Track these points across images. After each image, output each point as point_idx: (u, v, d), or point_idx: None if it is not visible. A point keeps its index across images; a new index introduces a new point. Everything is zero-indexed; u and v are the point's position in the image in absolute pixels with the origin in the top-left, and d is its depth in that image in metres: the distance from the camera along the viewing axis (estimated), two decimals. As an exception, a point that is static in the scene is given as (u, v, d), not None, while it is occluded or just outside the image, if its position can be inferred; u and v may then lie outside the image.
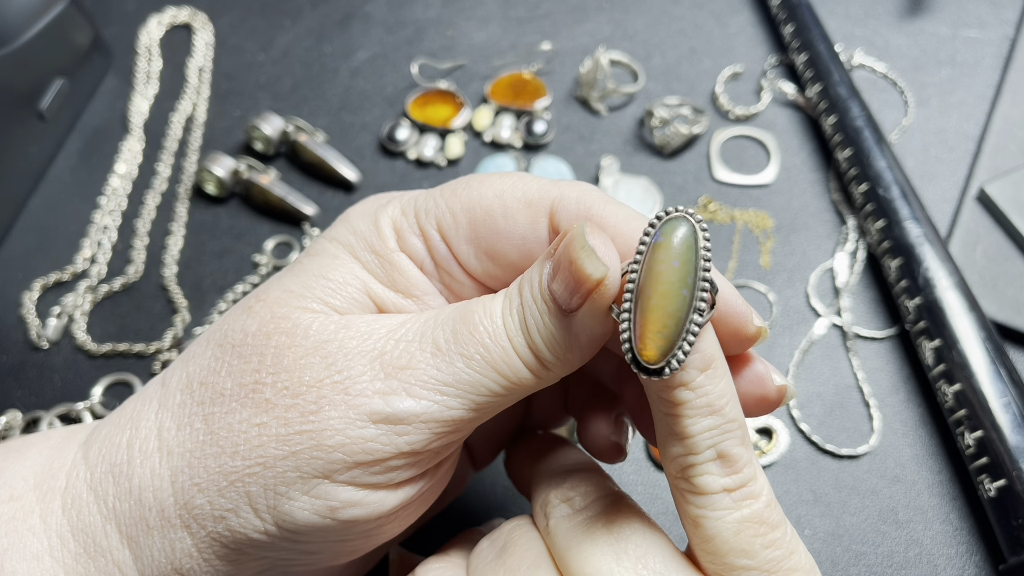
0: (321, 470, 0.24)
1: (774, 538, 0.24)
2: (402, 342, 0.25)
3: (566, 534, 0.25)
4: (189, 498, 0.25)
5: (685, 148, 0.54)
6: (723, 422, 0.24)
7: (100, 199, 0.52)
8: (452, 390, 0.24)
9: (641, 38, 0.59)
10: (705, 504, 0.24)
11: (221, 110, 0.56)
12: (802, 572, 0.24)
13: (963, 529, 0.40)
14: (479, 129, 0.55)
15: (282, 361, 0.25)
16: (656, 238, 0.22)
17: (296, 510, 0.24)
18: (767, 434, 0.43)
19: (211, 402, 0.25)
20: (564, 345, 0.24)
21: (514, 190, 0.26)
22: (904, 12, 0.60)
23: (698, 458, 0.24)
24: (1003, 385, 0.40)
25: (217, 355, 0.26)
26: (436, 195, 0.27)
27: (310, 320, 0.25)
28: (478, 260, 0.27)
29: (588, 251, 0.22)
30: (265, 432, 0.24)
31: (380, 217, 0.27)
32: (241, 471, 0.24)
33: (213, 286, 0.49)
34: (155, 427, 0.26)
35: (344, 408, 0.24)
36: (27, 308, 0.47)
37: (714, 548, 0.24)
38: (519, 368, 0.24)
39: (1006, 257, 0.47)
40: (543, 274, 0.24)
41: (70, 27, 0.52)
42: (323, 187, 0.53)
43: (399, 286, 0.27)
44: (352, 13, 0.61)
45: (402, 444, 0.24)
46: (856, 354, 0.46)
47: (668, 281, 0.22)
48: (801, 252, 0.50)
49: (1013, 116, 0.53)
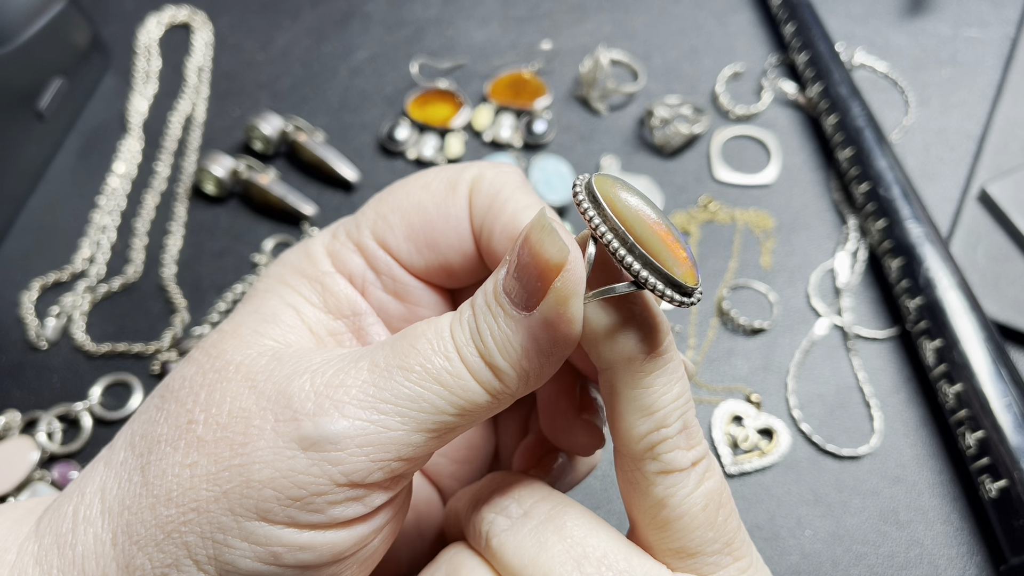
0: (255, 510, 0.21)
1: (730, 509, 0.24)
2: (337, 363, 0.23)
3: (515, 549, 0.23)
4: (130, 559, 0.23)
5: (685, 148, 0.54)
6: (686, 389, 0.23)
7: (99, 199, 0.52)
8: (391, 407, 0.21)
9: (641, 37, 0.59)
10: (675, 482, 0.23)
11: (220, 110, 0.56)
12: (747, 544, 0.24)
13: (964, 530, 0.40)
14: (479, 128, 0.54)
15: (213, 396, 0.23)
16: (599, 197, 0.22)
17: (238, 558, 0.22)
18: (768, 435, 0.43)
19: (148, 451, 0.24)
20: (520, 351, 0.22)
21: (438, 178, 0.27)
22: (905, 11, 0.60)
23: (669, 430, 0.23)
24: (1004, 385, 0.40)
25: (158, 406, 0.25)
26: (365, 209, 0.28)
27: (242, 356, 0.24)
28: (420, 254, 0.27)
29: (549, 231, 0.21)
30: (196, 472, 0.22)
31: (311, 245, 0.28)
32: (176, 519, 0.22)
33: (212, 286, 0.49)
34: (99, 489, 0.24)
35: (272, 436, 0.21)
36: (26, 308, 0.47)
37: (682, 526, 0.23)
38: (467, 381, 0.22)
39: (1007, 257, 0.47)
40: (498, 279, 0.22)
41: (69, 27, 0.52)
42: (322, 187, 0.53)
43: (331, 307, 0.27)
44: (352, 13, 0.61)
45: (336, 474, 0.21)
46: (857, 354, 0.46)
47: (654, 221, 0.21)
48: (802, 252, 0.50)
49: (1014, 115, 0.53)
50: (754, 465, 0.42)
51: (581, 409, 0.28)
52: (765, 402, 0.44)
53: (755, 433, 0.43)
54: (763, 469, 0.42)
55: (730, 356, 0.46)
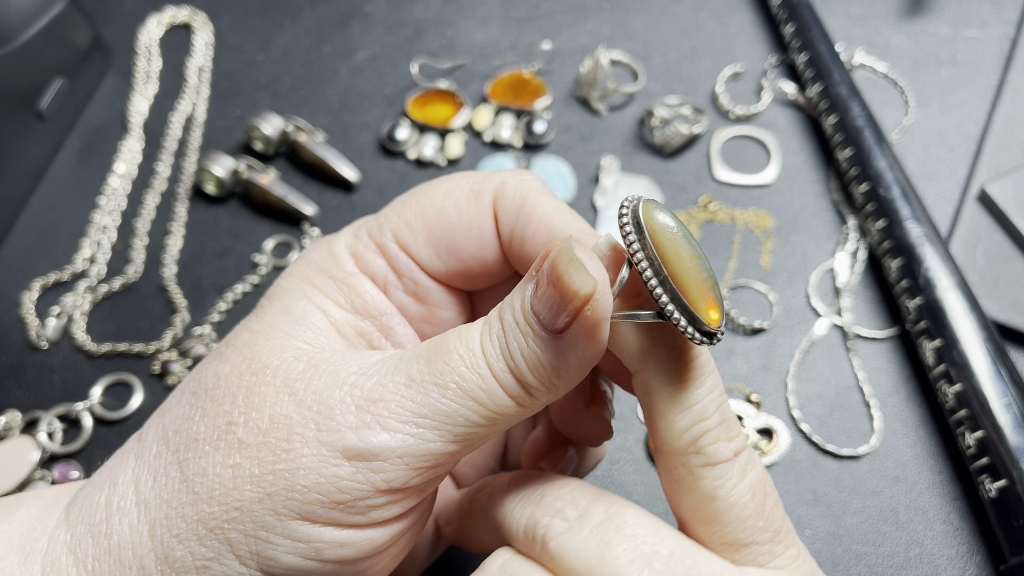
0: (299, 511, 0.23)
1: (775, 497, 0.25)
2: (374, 376, 0.24)
3: (577, 552, 0.23)
4: (169, 551, 0.24)
5: (685, 148, 0.54)
6: (719, 382, 0.24)
7: (99, 199, 0.52)
8: (428, 422, 0.23)
9: (641, 38, 0.59)
10: (721, 474, 0.24)
11: (221, 110, 0.56)
12: (793, 532, 0.25)
13: (964, 529, 0.40)
14: (479, 129, 0.55)
15: (252, 400, 0.24)
16: (643, 225, 0.22)
17: (280, 554, 0.23)
18: (767, 434, 0.43)
19: (185, 448, 0.24)
20: (551, 370, 0.23)
21: (460, 186, 0.27)
22: (905, 12, 0.60)
23: (709, 423, 0.24)
24: (1004, 385, 0.40)
25: (191, 402, 0.25)
26: (387, 212, 0.28)
27: (278, 360, 0.25)
28: (440, 260, 0.27)
29: (576, 264, 0.21)
30: (239, 474, 0.23)
31: (334, 245, 0.28)
32: (219, 517, 0.23)
33: (213, 286, 0.49)
34: (132, 482, 0.25)
35: (316, 445, 0.23)
36: (26, 308, 0.47)
37: (733, 517, 0.24)
38: (499, 396, 0.23)
39: (1007, 257, 0.47)
40: (525, 296, 0.23)
41: (69, 27, 0.52)
42: (323, 187, 0.53)
43: (357, 308, 0.27)
44: (352, 13, 0.61)
45: (379, 481, 0.23)
46: (857, 354, 0.46)
47: (690, 256, 0.22)
48: (802, 252, 0.50)
49: (1014, 116, 0.53)
50: (754, 465, 0.42)
51: (591, 402, 0.29)
52: (765, 402, 0.44)
53: (755, 433, 0.43)
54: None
55: (730, 356, 0.46)
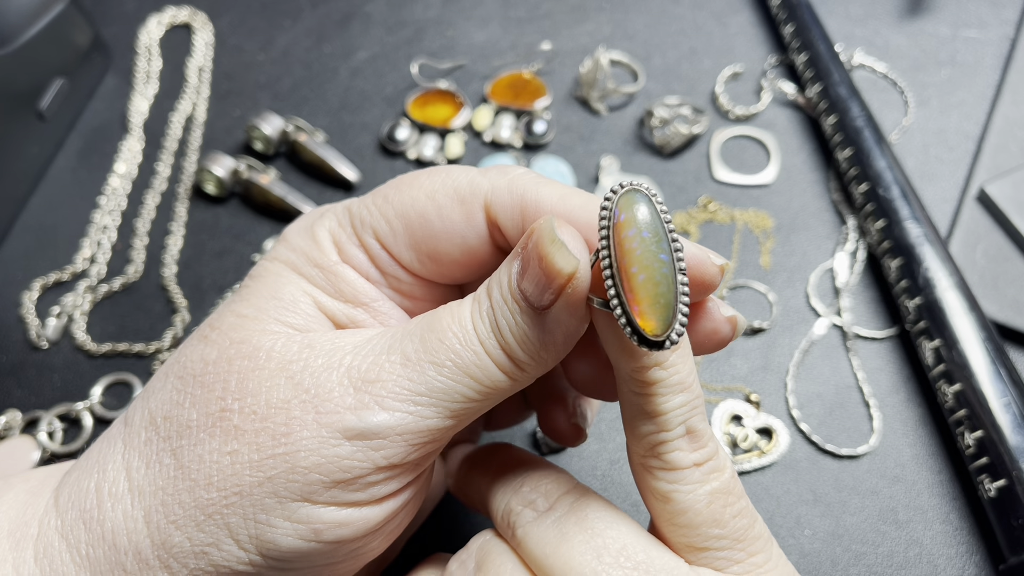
0: (300, 493, 0.23)
1: (740, 507, 0.25)
2: (369, 356, 0.24)
3: (538, 540, 0.25)
4: (166, 536, 0.24)
5: (685, 148, 0.54)
6: (692, 398, 0.25)
7: (100, 199, 0.52)
8: (426, 399, 0.23)
9: (641, 38, 0.59)
10: (677, 479, 0.25)
11: (221, 110, 0.56)
12: (763, 540, 0.26)
13: (963, 529, 0.40)
14: (479, 129, 0.55)
15: (247, 385, 0.24)
16: (615, 215, 0.22)
17: (279, 537, 0.23)
18: (767, 434, 0.43)
19: (178, 435, 0.24)
20: (539, 344, 0.24)
21: (445, 188, 0.26)
22: (904, 12, 0.60)
23: (670, 434, 0.25)
24: (1003, 385, 0.40)
25: (178, 387, 0.25)
26: (369, 203, 0.27)
27: (271, 342, 0.25)
28: (421, 264, 0.27)
29: (558, 245, 0.22)
30: (238, 460, 0.23)
31: (317, 231, 0.27)
32: (218, 502, 0.23)
33: (213, 286, 0.49)
34: (123, 468, 0.25)
35: (316, 427, 0.23)
36: (27, 308, 0.47)
37: (687, 521, 0.25)
38: (493, 372, 0.24)
39: (1006, 257, 0.47)
40: (512, 274, 0.24)
41: (70, 27, 0.52)
42: (323, 187, 0.53)
43: (347, 296, 0.27)
44: (352, 13, 0.61)
45: (379, 459, 0.23)
46: (856, 354, 0.46)
47: (646, 252, 0.22)
48: (801, 252, 0.50)
49: (1013, 116, 0.53)
50: (753, 465, 0.42)
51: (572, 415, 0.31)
52: (764, 402, 0.44)
53: (754, 433, 0.43)
54: (762, 468, 0.42)
55: (729, 356, 0.46)
